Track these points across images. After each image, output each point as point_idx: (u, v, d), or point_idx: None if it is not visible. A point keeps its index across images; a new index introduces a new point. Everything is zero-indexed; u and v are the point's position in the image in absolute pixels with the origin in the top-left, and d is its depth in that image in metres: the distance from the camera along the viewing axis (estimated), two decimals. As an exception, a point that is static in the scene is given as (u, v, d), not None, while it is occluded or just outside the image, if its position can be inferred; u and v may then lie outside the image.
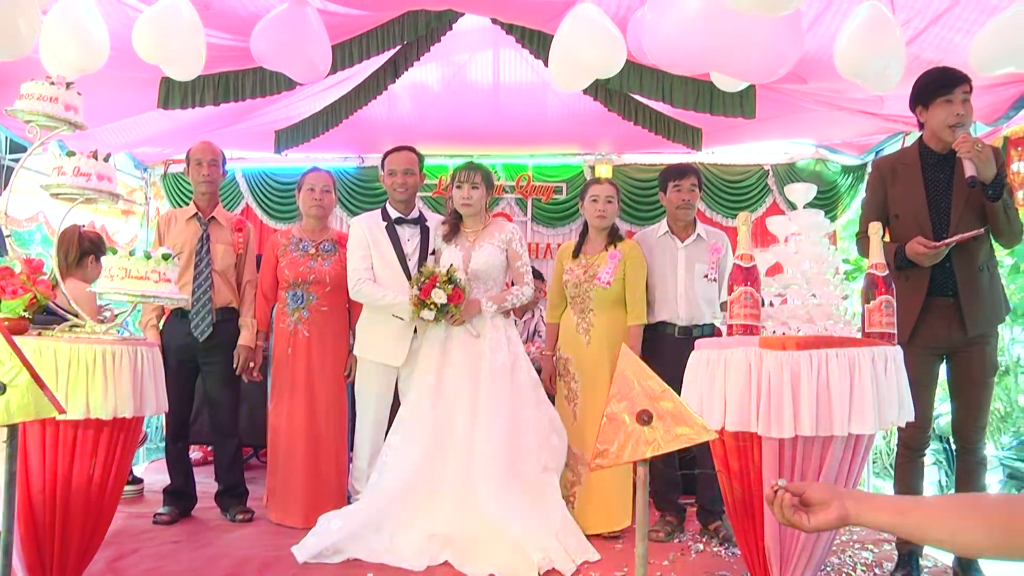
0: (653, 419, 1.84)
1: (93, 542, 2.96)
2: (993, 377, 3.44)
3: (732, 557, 3.76)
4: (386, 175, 4.34)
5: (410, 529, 3.65)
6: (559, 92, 5.66)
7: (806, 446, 2.68)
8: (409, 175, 4.28)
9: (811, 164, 6.87)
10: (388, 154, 4.37)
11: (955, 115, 3.25)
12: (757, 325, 2.84)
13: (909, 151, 3.55)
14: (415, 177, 4.32)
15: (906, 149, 3.64)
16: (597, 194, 4.21)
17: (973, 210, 3.26)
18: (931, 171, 3.38)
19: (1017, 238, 3.33)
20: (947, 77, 3.31)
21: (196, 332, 4.19)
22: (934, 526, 1.35)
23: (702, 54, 3.32)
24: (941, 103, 3.30)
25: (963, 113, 3.26)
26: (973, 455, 3.41)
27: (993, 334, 3.40)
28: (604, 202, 4.19)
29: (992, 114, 4.50)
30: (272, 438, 4.38)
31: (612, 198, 4.22)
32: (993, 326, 3.39)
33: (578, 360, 4.16)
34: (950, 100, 3.27)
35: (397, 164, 4.28)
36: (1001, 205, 3.18)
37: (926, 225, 3.33)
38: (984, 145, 3.15)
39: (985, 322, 3.32)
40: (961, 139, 3.15)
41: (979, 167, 3.10)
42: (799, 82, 4.43)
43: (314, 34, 3.84)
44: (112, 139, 5.53)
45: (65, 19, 3.33)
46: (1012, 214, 3.22)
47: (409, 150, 4.36)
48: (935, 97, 3.32)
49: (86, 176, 3.05)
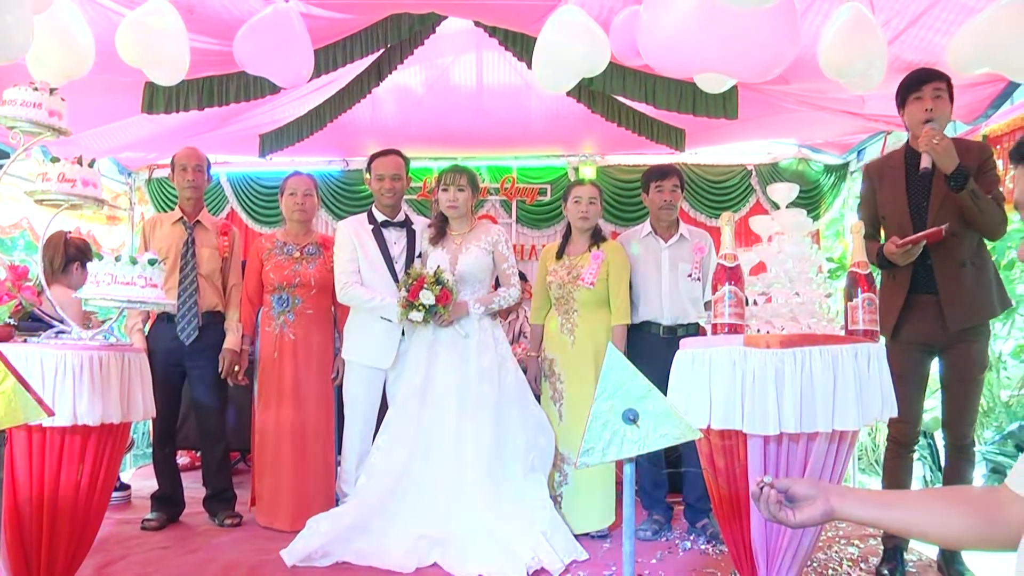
0: (639, 418, 1.86)
1: (81, 549, 2.95)
2: (983, 374, 3.45)
3: (719, 554, 3.79)
4: (373, 179, 4.34)
5: (398, 530, 3.66)
6: (542, 94, 5.68)
7: (791, 443, 2.70)
8: (396, 180, 4.29)
9: (793, 164, 6.92)
10: (374, 158, 4.38)
11: (925, 110, 3.33)
12: (742, 324, 2.86)
13: (896, 153, 3.61)
14: (402, 181, 4.33)
15: (894, 152, 3.70)
16: (580, 195, 4.23)
17: (950, 207, 3.28)
18: (912, 170, 3.42)
19: (994, 229, 3.34)
20: (920, 76, 3.41)
21: (182, 336, 4.19)
22: (918, 519, 1.38)
23: (699, 54, 3.33)
24: (913, 101, 3.38)
25: (932, 108, 3.32)
26: (962, 451, 3.46)
27: (982, 331, 3.41)
28: (587, 203, 4.21)
29: (971, 113, 4.55)
30: (259, 442, 4.38)
31: (595, 199, 4.25)
32: (978, 321, 3.38)
33: (563, 361, 4.18)
34: (920, 97, 3.35)
35: (384, 169, 4.29)
36: (968, 196, 3.18)
37: (907, 224, 3.39)
38: (943, 138, 3.18)
39: (966, 318, 3.33)
40: (924, 132, 3.20)
41: (937, 159, 3.16)
42: (782, 83, 4.46)
43: (297, 38, 3.84)
44: (96, 144, 5.50)
45: (50, 24, 3.31)
46: (984, 205, 3.21)
47: (396, 154, 4.37)
48: (908, 96, 3.41)
49: (71, 182, 3.04)
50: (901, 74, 3.56)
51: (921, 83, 3.36)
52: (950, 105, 3.40)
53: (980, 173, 3.29)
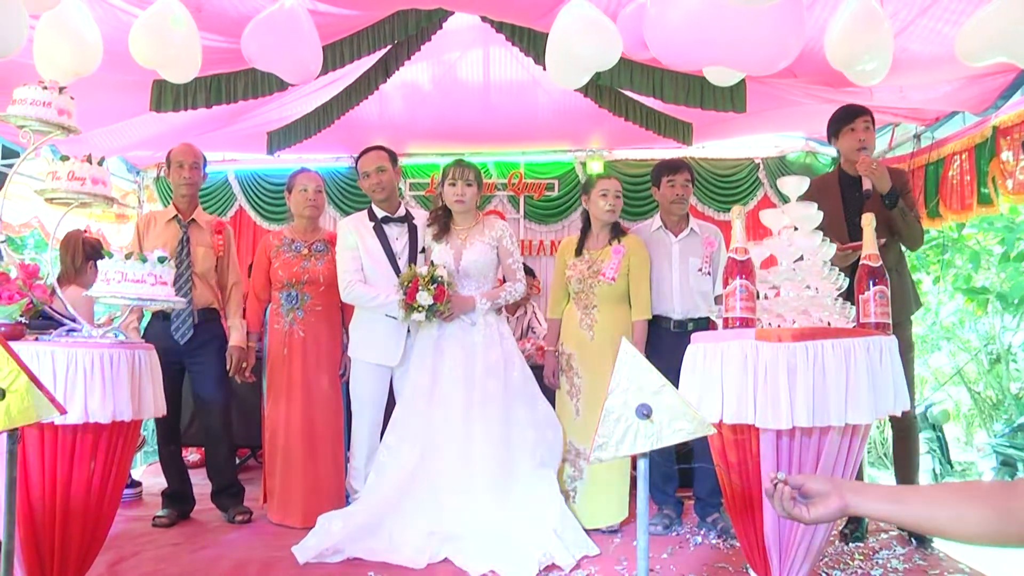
0: (653, 413, 1.86)
1: (93, 546, 2.95)
2: (910, 354, 3.86)
3: (730, 549, 3.78)
4: (361, 178, 4.35)
5: (409, 528, 3.66)
6: (550, 89, 5.68)
7: (803, 437, 2.69)
8: (382, 172, 4.26)
9: (801, 156, 6.90)
10: (358, 158, 4.39)
11: (859, 140, 3.92)
12: (753, 318, 2.85)
13: (831, 175, 4.22)
14: (388, 174, 4.29)
15: (827, 174, 4.36)
16: (607, 188, 4.21)
17: (881, 222, 3.47)
18: (847, 190, 3.99)
19: (916, 241, 3.96)
20: (850, 111, 4.00)
21: (177, 335, 4.17)
22: (933, 515, 1.36)
23: (706, 47, 3.34)
24: (847, 132, 3.96)
25: (865, 139, 3.92)
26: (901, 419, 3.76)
27: (905, 323, 3.90)
28: (614, 196, 4.20)
29: (980, 104, 4.53)
30: (270, 439, 4.38)
31: (620, 193, 4.25)
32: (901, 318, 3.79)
33: (582, 355, 4.17)
34: (853, 129, 3.94)
35: (368, 165, 4.28)
36: (898, 212, 3.76)
37: (844, 237, 3.78)
38: (879, 165, 3.81)
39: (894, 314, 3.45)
40: (861, 160, 3.80)
41: (876, 182, 3.77)
42: (789, 76, 4.45)
43: (305, 34, 3.83)
44: (104, 143, 5.51)
45: (58, 23, 3.32)
46: (910, 220, 3.83)
47: (378, 148, 4.36)
48: (842, 128, 3.98)
49: (80, 180, 3.05)
50: (910, 65, 3.55)
51: (853, 116, 3.96)
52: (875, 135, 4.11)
53: (904, 193, 3.86)
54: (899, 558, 3.60)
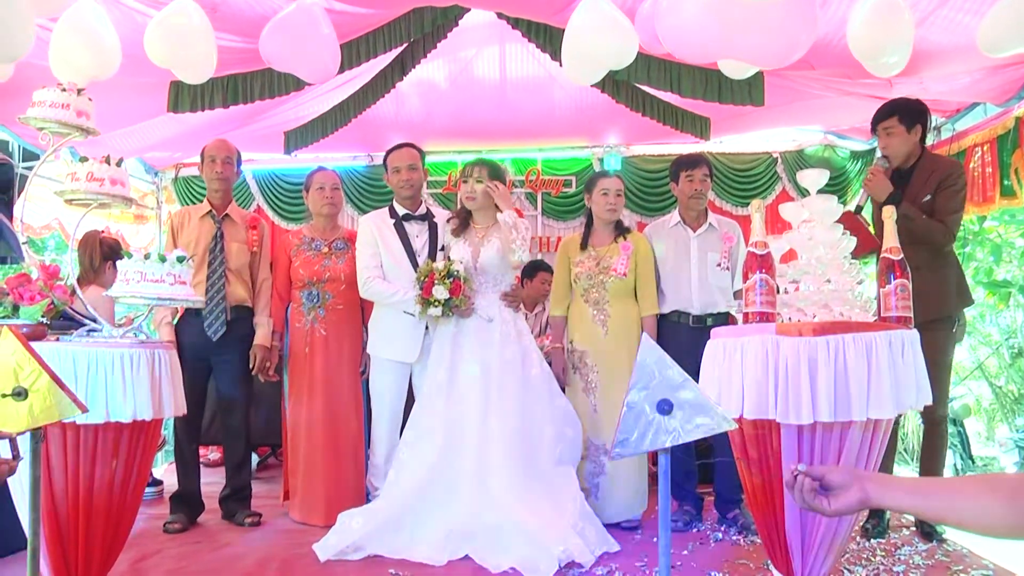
0: (673, 408, 1.84)
1: (116, 544, 2.98)
2: (946, 357, 3.88)
3: (751, 545, 3.76)
4: (390, 173, 4.35)
5: (429, 525, 3.66)
6: (566, 85, 5.66)
7: (825, 432, 2.67)
8: (413, 171, 4.29)
9: (820, 150, 6.86)
10: (390, 152, 4.39)
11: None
12: (773, 312, 2.83)
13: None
14: (418, 173, 4.33)
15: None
16: (608, 187, 4.23)
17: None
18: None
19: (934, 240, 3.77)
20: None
21: (209, 332, 4.14)
22: (955, 507, 1.34)
23: (718, 40, 3.32)
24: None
25: (887, 145, 3.98)
26: (935, 426, 3.94)
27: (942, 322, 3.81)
28: (614, 195, 4.22)
29: (1002, 95, 4.48)
30: (291, 437, 4.38)
31: (621, 192, 4.27)
32: (935, 316, 3.73)
33: (595, 352, 4.16)
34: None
35: (400, 161, 4.29)
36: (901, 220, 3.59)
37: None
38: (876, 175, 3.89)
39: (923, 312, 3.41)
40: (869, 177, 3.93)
41: (871, 194, 3.92)
42: (807, 68, 4.42)
43: (323, 34, 3.85)
44: (122, 144, 5.54)
45: (76, 26, 3.34)
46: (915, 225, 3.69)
47: (410, 146, 4.37)
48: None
49: (99, 181, 3.07)
50: (930, 56, 3.51)
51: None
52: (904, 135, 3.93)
53: (940, 187, 3.79)
54: (921, 554, 3.57)
